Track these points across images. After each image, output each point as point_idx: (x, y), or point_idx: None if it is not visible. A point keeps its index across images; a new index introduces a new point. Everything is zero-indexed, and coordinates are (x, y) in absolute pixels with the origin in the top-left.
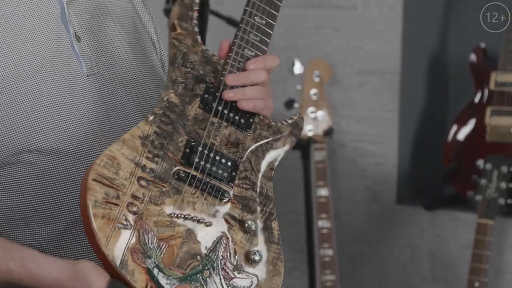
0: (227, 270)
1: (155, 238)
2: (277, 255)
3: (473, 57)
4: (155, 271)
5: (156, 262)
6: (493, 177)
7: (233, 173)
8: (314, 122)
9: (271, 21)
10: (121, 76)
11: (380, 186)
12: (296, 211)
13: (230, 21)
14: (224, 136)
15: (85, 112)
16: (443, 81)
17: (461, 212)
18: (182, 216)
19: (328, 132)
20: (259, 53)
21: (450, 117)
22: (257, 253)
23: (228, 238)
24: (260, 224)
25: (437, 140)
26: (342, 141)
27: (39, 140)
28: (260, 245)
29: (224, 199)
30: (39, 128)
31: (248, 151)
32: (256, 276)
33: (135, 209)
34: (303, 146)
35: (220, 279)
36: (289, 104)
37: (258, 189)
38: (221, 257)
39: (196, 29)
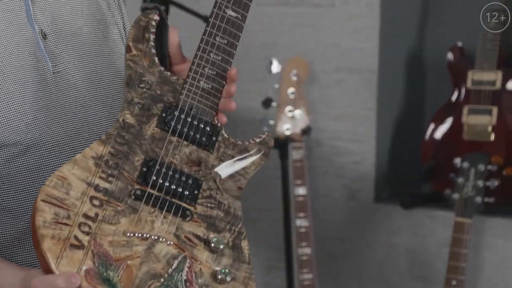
0: None
1: (111, 259)
2: (249, 275)
3: (450, 55)
4: None
5: (113, 283)
6: (470, 176)
7: (195, 192)
8: (292, 121)
9: (233, 41)
10: (87, 73)
11: (358, 185)
12: (274, 210)
13: (207, 19)
14: (184, 154)
15: (51, 109)
16: (421, 79)
17: (438, 211)
18: (140, 235)
19: (306, 131)
20: (220, 72)
21: (427, 115)
22: (225, 272)
23: (192, 257)
24: (228, 243)
25: (414, 138)
26: (320, 140)
27: (3, 135)
28: (229, 265)
29: (186, 218)
30: (4, 124)
31: (213, 169)
32: None
33: (87, 229)
34: (281, 145)
35: None
36: (266, 103)
37: (224, 208)
38: (185, 278)
39: (153, 50)
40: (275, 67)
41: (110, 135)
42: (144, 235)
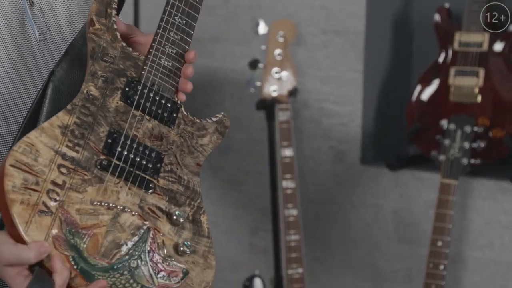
0: (156, 262)
1: (78, 226)
2: (208, 248)
3: (437, 17)
4: (78, 259)
5: (80, 250)
6: (457, 137)
7: (158, 165)
8: (279, 82)
9: (191, 22)
10: (71, 40)
11: (344, 146)
12: (260, 172)
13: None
14: (147, 129)
15: (36, 76)
16: (408, 41)
17: (424, 172)
18: (106, 204)
19: (293, 93)
20: (179, 51)
21: (414, 77)
22: (186, 244)
23: (155, 229)
24: (188, 217)
25: (401, 100)
26: (306, 102)
27: None
28: (189, 238)
29: (149, 190)
30: None
31: (173, 145)
32: (186, 268)
33: (55, 196)
34: (268, 107)
35: (149, 270)
36: (253, 64)
37: (184, 183)
38: (148, 248)
39: (115, 26)
40: (262, 28)
41: (75, 105)
42: (110, 205)
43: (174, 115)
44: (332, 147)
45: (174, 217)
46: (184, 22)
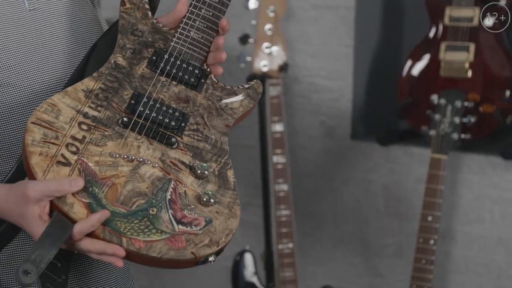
0: (177, 209)
1: (97, 177)
2: (233, 200)
3: None
4: (96, 206)
5: (98, 198)
6: (447, 112)
7: (182, 124)
8: (269, 57)
9: (226, 1)
10: (63, 12)
11: (335, 121)
12: (251, 146)
13: None
14: (173, 92)
15: (26, 46)
16: (398, 16)
17: (415, 147)
18: (126, 157)
19: (283, 68)
20: (210, 25)
21: (405, 52)
22: (208, 193)
23: (177, 180)
24: (214, 172)
25: (391, 75)
26: (297, 77)
27: None
28: (214, 190)
29: (172, 145)
30: None
31: (200, 107)
32: (210, 217)
33: (74, 149)
34: None
35: (169, 217)
36: (243, 39)
37: (211, 142)
38: (169, 197)
39: (147, 6)
40: (252, 3)
41: (102, 73)
42: (130, 157)
43: (202, 80)
44: (322, 122)
45: (198, 171)
46: (217, 0)
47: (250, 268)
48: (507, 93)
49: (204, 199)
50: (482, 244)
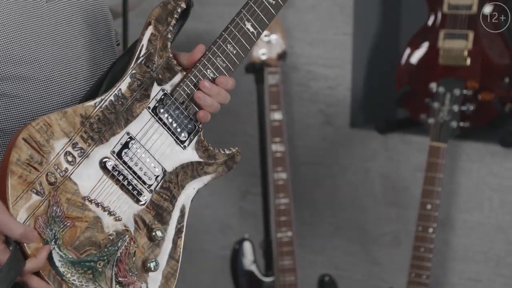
0: (121, 268)
1: (63, 214)
2: (173, 272)
3: None
4: (52, 244)
5: (56, 237)
6: (446, 100)
7: (158, 181)
8: (268, 45)
9: (242, 53)
10: (76, 3)
11: (333, 110)
12: (249, 135)
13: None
14: (162, 143)
15: (43, 38)
16: (397, 4)
17: (413, 135)
18: (95, 202)
19: (282, 56)
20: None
21: (403, 40)
22: (154, 261)
23: (132, 238)
24: (167, 236)
25: (390, 63)
26: (295, 65)
27: (6, 67)
28: (160, 256)
29: (140, 202)
30: (4, 55)
31: (179, 166)
32: (146, 284)
33: (53, 179)
34: (257, 70)
35: (112, 275)
36: None
37: (176, 204)
38: (119, 254)
39: (170, 35)
40: None
41: (103, 100)
42: (99, 204)
43: (191, 137)
44: (321, 111)
45: (153, 234)
46: (235, 52)
47: (249, 257)
48: (506, 80)
49: (148, 265)
50: (481, 232)
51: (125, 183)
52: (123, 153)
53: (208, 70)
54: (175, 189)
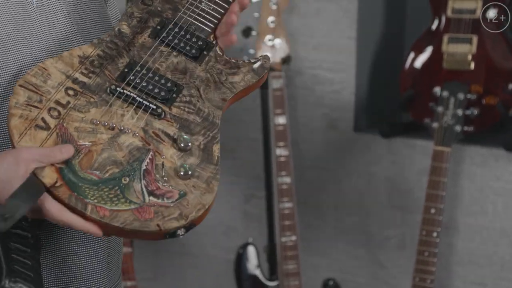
0: (150, 180)
1: (74, 142)
2: (213, 175)
3: None
4: (67, 171)
5: (71, 163)
6: (450, 104)
7: (173, 95)
8: (272, 50)
9: None
10: (70, 8)
11: (337, 114)
12: (253, 139)
13: None
14: (171, 63)
15: (35, 42)
16: (401, 8)
17: (417, 139)
18: (107, 124)
19: (286, 60)
20: (221, 3)
21: (407, 44)
22: (185, 167)
23: (157, 151)
24: (199, 145)
25: (394, 67)
26: (299, 69)
27: None
28: (195, 164)
29: (158, 116)
30: None
31: (197, 79)
32: (185, 190)
33: (56, 113)
34: None
35: (142, 187)
36: (246, 31)
37: (203, 115)
38: (144, 167)
39: None
40: None
41: (102, 40)
42: (111, 125)
43: (205, 52)
44: (325, 115)
45: (181, 144)
46: None
47: (253, 261)
48: (510, 85)
49: (181, 173)
50: (485, 236)
51: (135, 101)
52: (126, 77)
53: None
54: (200, 102)
